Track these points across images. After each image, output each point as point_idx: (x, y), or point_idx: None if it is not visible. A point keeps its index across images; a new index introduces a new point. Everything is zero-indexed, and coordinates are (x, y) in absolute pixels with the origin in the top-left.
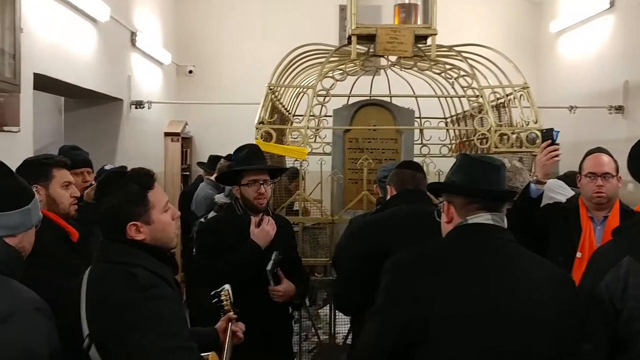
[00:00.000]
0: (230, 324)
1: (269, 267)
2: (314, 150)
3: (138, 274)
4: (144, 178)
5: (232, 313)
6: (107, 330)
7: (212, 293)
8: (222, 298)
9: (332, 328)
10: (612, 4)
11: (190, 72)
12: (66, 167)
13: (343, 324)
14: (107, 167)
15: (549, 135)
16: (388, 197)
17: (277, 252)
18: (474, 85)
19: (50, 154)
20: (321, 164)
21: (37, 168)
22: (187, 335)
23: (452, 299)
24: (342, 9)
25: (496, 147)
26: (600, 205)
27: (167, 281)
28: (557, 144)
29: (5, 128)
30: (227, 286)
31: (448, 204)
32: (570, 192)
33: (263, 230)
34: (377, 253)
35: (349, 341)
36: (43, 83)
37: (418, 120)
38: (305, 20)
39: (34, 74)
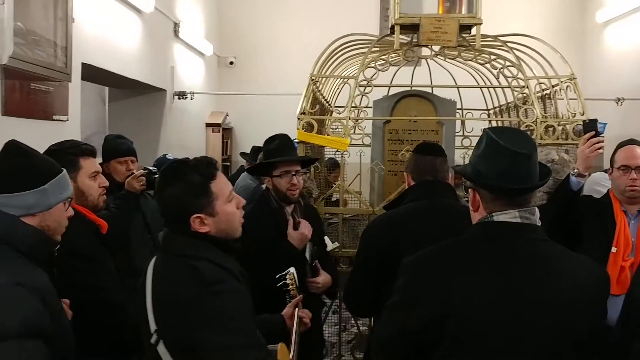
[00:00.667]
0: (297, 310)
1: (307, 258)
2: (353, 142)
3: (202, 268)
4: (206, 168)
5: (299, 297)
6: (173, 327)
7: (277, 276)
8: (287, 282)
9: (371, 319)
10: None
11: (231, 63)
12: (93, 155)
13: None
14: (169, 157)
15: (592, 126)
16: (406, 186)
17: (311, 243)
18: (520, 76)
19: (75, 141)
20: (360, 155)
21: (64, 158)
22: (253, 329)
23: (473, 299)
24: None
25: (542, 138)
26: (633, 199)
27: (233, 274)
28: (602, 136)
29: (54, 117)
30: (292, 269)
31: (474, 192)
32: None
33: (302, 234)
34: (386, 253)
35: None
36: (89, 73)
37: (460, 111)
38: (345, 11)
39: (82, 63)
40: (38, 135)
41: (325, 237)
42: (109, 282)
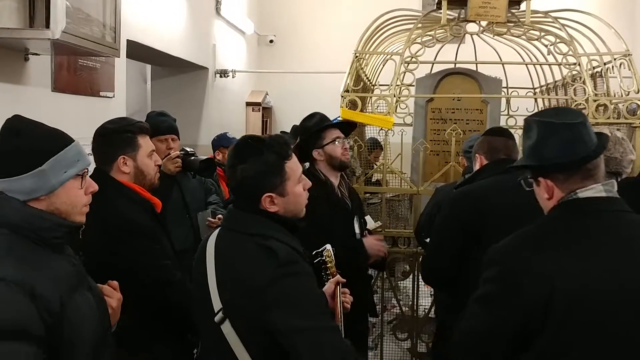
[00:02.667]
0: (338, 288)
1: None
2: (395, 121)
3: (276, 248)
4: (283, 147)
5: (338, 276)
6: (245, 306)
7: (314, 253)
8: (325, 259)
9: (415, 299)
10: None
11: (271, 41)
12: (148, 133)
13: (425, 297)
14: (230, 135)
15: None
16: (477, 166)
17: (358, 217)
18: (571, 53)
19: (129, 119)
20: (402, 135)
21: (122, 137)
22: (329, 313)
23: (580, 279)
24: None
25: (593, 117)
26: None
27: (301, 255)
28: None
29: (101, 93)
30: (328, 246)
31: (544, 180)
32: None
33: (380, 249)
34: (473, 226)
35: (431, 314)
36: (132, 51)
37: (505, 90)
38: None
39: (127, 40)
40: (85, 112)
41: (367, 217)
42: (167, 259)
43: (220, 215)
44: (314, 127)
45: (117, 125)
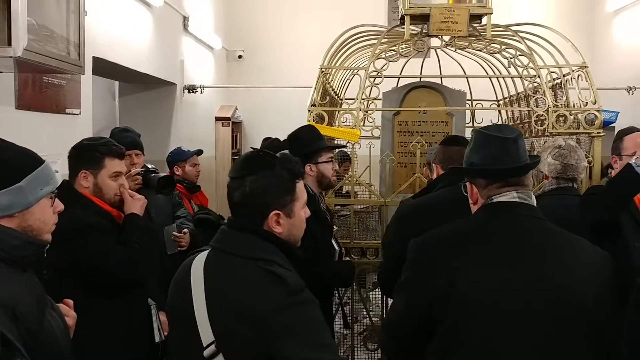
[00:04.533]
0: None
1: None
2: (363, 134)
3: (284, 275)
4: (295, 166)
5: None
6: (247, 338)
7: None
8: None
9: (384, 310)
10: None
11: (240, 57)
12: (120, 156)
13: None
14: (184, 149)
15: None
16: (434, 176)
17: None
18: (531, 65)
19: (108, 140)
20: (370, 147)
21: (90, 154)
22: (335, 345)
23: (476, 275)
24: None
25: (553, 128)
26: None
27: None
28: (613, 125)
29: (67, 110)
30: None
31: (471, 185)
32: None
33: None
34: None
35: None
36: (99, 67)
37: (469, 102)
38: (353, 2)
39: (93, 57)
40: (51, 129)
41: None
42: (109, 246)
43: (185, 230)
44: (313, 142)
45: (91, 143)
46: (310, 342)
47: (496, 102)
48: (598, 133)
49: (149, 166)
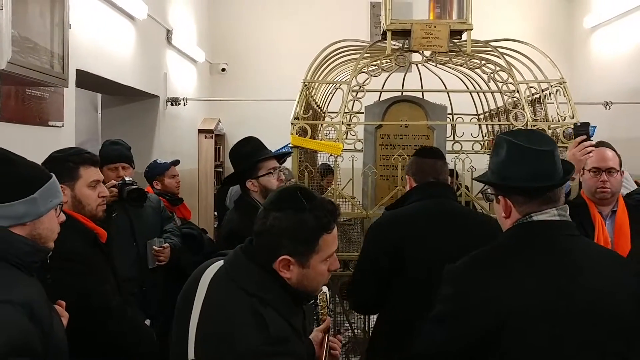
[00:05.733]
0: (327, 336)
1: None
2: (345, 147)
3: (269, 319)
4: (327, 216)
5: (328, 320)
6: None
7: None
8: (319, 302)
9: (367, 323)
10: None
11: (223, 70)
12: (94, 164)
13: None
14: (160, 162)
15: (584, 129)
16: (407, 187)
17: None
18: (510, 80)
19: (79, 149)
20: (353, 160)
21: (63, 166)
22: None
23: (528, 303)
24: (374, 5)
25: None
26: (604, 200)
27: (298, 333)
28: (591, 139)
29: (50, 123)
30: (324, 288)
31: (505, 199)
32: (633, 185)
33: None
34: (392, 251)
35: None
36: (82, 80)
37: (450, 116)
38: (336, 17)
39: (76, 70)
40: (34, 142)
41: None
42: (103, 286)
43: (166, 244)
44: (249, 156)
45: (62, 154)
46: None
47: (477, 117)
48: None
49: (127, 179)
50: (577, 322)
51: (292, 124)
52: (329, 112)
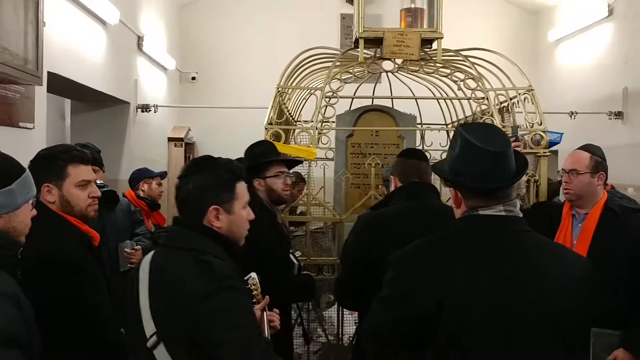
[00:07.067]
0: (265, 312)
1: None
2: (317, 155)
3: (212, 262)
4: (238, 168)
5: (265, 300)
6: (179, 324)
7: None
8: (250, 287)
9: (339, 329)
10: (610, 12)
11: (194, 78)
12: (85, 162)
13: (349, 325)
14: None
15: (514, 132)
16: (392, 187)
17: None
18: (480, 87)
19: (68, 146)
20: (324, 169)
21: (51, 164)
22: (257, 326)
23: (465, 294)
24: (344, 17)
25: None
26: (571, 201)
27: (238, 273)
28: (519, 141)
29: (20, 124)
30: (253, 274)
31: (455, 191)
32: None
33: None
34: (376, 251)
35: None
36: (53, 84)
37: (419, 126)
38: (306, 27)
39: (48, 72)
40: (3, 142)
41: None
42: (101, 297)
43: (138, 247)
44: (260, 156)
45: (50, 152)
46: (230, 324)
47: (445, 126)
48: (544, 153)
49: (98, 181)
50: (511, 314)
51: (265, 128)
52: (299, 122)
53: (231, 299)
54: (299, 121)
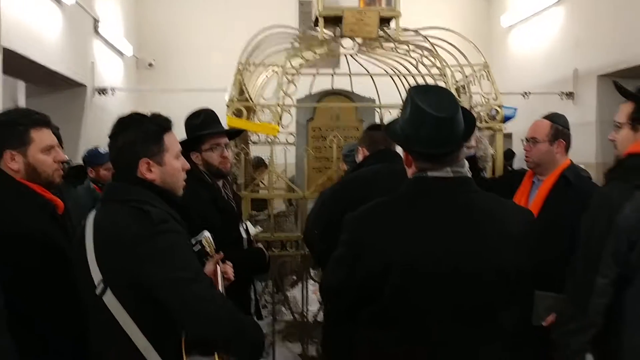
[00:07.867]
0: (218, 266)
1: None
2: (277, 142)
3: (149, 209)
4: (163, 121)
5: (218, 255)
6: (120, 267)
7: (193, 241)
8: (204, 245)
9: (304, 306)
10: None
11: (151, 65)
12: (47, 125)
13: (314, 303)
14: (102, 150)
15: None
16: (360, 158)
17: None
18: (437, 64)
19: (27, 109)
20: (285, 152)
21: (11, 130)
22: (199, 266)
23: (411, 256)
24: (302, 3)
25: None
26: (531, 168)
27: (176, 219)
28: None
29: None
30: (206, 232)
31: (405, 152)
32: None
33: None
34: (350, 207)
35: (319, 318)
36: (8, 64)
37: (379, 109)
38: (264, 11)
39: (4, 48)
40: None
41: (248, 222)
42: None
43: None
44: (196, 128)
45: (7, 118)
46: (171, 265)
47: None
48: (500, 127)
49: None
50: (457, 268)
51: (227, 106)
52: (260, 105)
53: (168, 240)
54: (260, 104)
